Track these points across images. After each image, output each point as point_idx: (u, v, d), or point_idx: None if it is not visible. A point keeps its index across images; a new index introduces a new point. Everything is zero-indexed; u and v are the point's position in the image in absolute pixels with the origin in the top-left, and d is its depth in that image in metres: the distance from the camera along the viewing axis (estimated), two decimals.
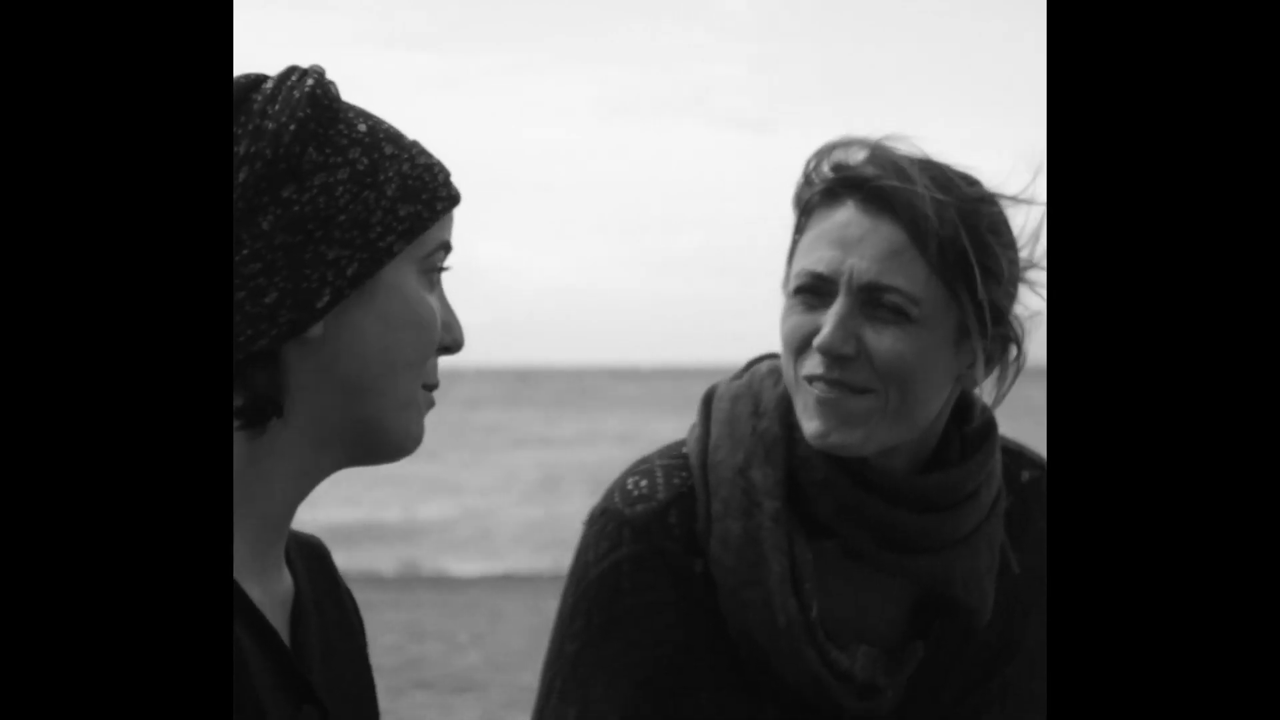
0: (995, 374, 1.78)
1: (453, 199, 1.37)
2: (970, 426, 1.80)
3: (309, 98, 1.31)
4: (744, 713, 1.77)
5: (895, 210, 1.70)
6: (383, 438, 1.36)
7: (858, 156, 1.75)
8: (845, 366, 1.69)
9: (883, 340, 1.69)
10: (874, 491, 1.73)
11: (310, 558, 1.45)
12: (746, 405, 1.79)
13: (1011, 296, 1.75)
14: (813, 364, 1.70)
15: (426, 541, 17.62)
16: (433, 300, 1.37)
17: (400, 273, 1.34)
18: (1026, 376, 1.82)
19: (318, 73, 1.34)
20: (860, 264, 1.69)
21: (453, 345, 1.39)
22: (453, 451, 33.05)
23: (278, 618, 1.36)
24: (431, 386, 1.39)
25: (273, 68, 1.36)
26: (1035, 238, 1.76)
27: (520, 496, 23.45)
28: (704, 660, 1.77)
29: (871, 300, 1.70)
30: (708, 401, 1.82)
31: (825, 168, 1.76)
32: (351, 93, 1.39)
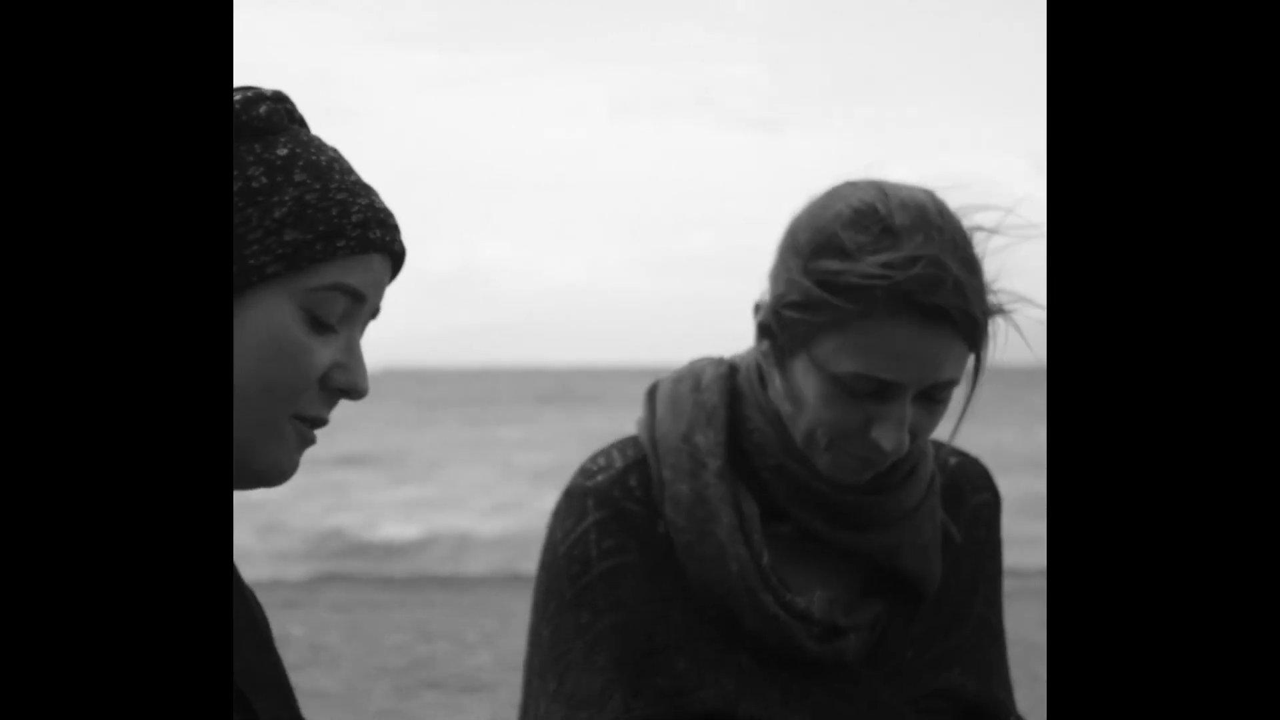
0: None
1: (364, 243, 1.33)
2: None
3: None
4: (719, 664, 1.83)
5: (954, 322, 1.74)
6: (239, 461, 1.33)
7: (905, 245, 1.73)
8: (898, 451, 1.78)
9: (930, 423, 1.80)
10: (822, 479, 1.84)
11: None
12: (687, 384, 1.91)
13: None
14: (863, 451, 1.78)
15: (433, 541, 17.63)
16: (311, 337, 1.33)
17: (274, 298, 1.31)
18: (1027, 377, 1.87)
19: (265, 95, 1.34)
20: (925, 372, 1.75)
21: (350, 389, 1.35)
22: (456, 450, 33.07)
23: None
24: (315, 422, 1.35)
25: (273, 66, 1.36)
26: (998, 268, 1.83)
27: (524, 495, 23.46)
28: (675, 618, 1.84)
29: (928, 395, 1.78)
30: (652, 391, 1.93)
31: (876, 262, 1.74)
32: (352, 92, 1.40)
